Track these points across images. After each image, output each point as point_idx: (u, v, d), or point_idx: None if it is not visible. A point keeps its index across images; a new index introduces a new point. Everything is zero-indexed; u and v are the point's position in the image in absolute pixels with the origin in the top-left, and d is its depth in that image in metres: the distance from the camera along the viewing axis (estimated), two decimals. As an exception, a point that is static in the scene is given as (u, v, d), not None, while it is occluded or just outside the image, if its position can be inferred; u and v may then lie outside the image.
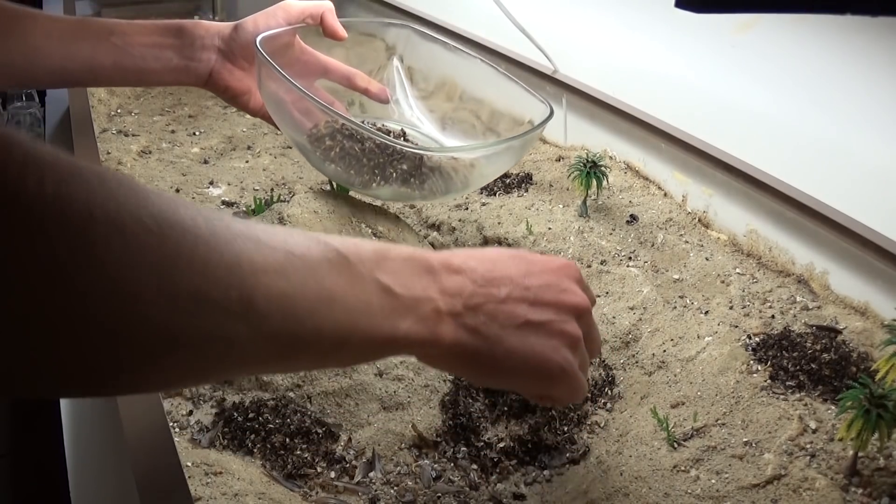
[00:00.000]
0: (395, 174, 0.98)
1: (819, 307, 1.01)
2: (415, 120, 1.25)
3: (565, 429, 0.91)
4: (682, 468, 0.82)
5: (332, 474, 0.84)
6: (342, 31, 1.11)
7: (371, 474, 0.84)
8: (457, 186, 1.03)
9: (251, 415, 0.87)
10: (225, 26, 1.06)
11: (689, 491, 0.79)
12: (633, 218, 1.22)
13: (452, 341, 0.54)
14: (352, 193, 1.09)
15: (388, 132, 1.09)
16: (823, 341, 0.94)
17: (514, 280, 0.57)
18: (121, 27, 0.99)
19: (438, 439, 0.90)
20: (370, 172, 0.98)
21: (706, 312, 1.02)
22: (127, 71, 1.00)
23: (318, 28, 1.10)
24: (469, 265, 0.56)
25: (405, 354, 0.56)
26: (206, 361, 0.41)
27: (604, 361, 1.00)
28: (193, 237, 0.38)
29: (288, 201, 1.03)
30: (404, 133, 1.14)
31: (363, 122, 1.02)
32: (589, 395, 0.95)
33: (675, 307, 1.04)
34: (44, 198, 0.33)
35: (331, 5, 1.10)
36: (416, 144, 1.14)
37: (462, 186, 1.04)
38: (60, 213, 0.33)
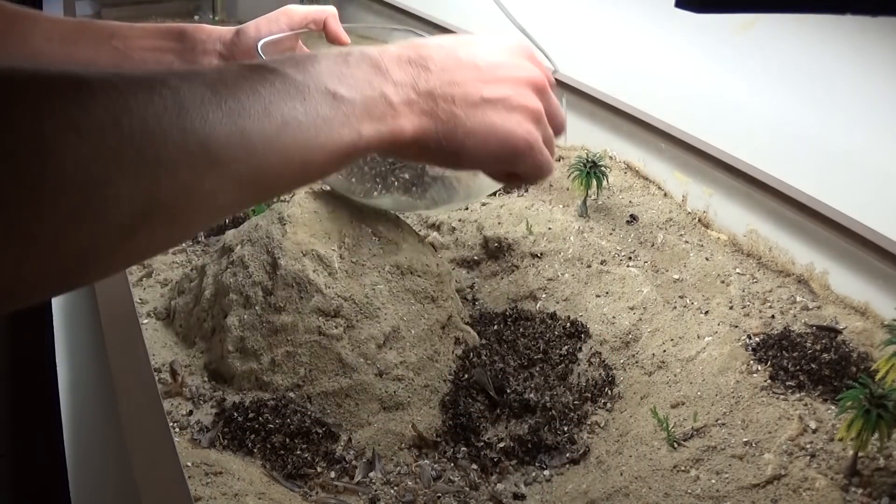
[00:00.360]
0: (396, 183, 0.98)
1: (819, 307, 1.01)
2: None
3: (565, 429, 0.91)
4: (682, 468, 0.82)
5: (332, 474, 0.84)
6: (345, 37, 1.10)
7: (371, 474, 0.84)
8: (459, 196, 1.02)
9: (251, 415, 0.87)
10: (227, 31, 1.06)
11: (689, 491, 0.79)
12: (633, 218, 1.22)
13: (413, 131, 0.53)
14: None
15: None
16: (823, 341, 0.94)
17: (464, 62, 0.57)
18: (122, 30, 0.99)
19: (438, 439, 0.90)
20: (371, 181, 0.98)
21: (706, 312, 1.02)
22: None
23: (320, 33, 1.10)
24: (417, 53, 0.55)
25: (370, 155, 0.55)
26: (181, 219, 0.41)
27: (604, 361, 1.00)
28: (143, 112, 0.38)
29: (288, 201, 1.03)
30: None
31: None
32: (589, 395, 0.95)
33: (675, 307, 1.04)
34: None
35: (334, 11, 1.09)
36: None
37: (464, 196, 1.04)
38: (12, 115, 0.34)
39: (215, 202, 0.42)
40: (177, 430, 0.87)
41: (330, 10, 1.09)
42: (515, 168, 0.60)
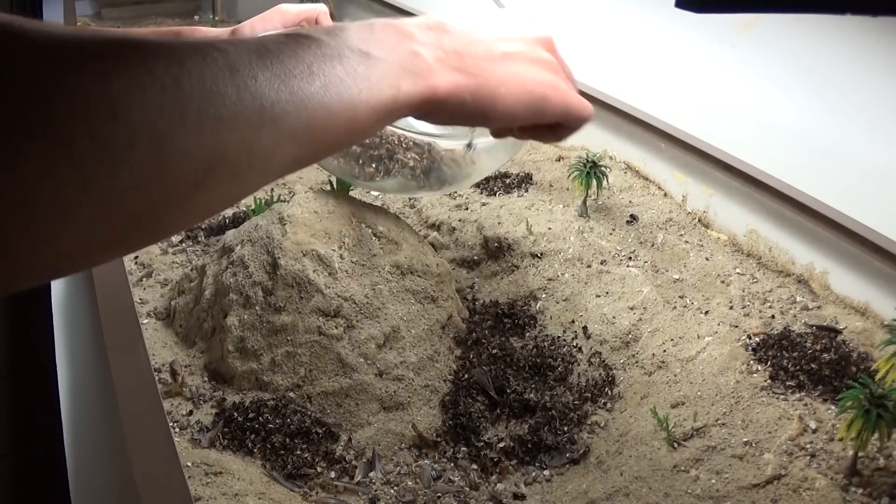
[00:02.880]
0: (398, 166, 0.99)
1: (819, 307, 1.01)
2: (410, 119, 1.25)
3: (565, 429, 0.91)
4: (682, 468, 0.82)
5: (332, 474, 0.84)
6: None
7: (371, 474, 0.84)
8: (458, 178, 1.04)
9: (251, 415, 0.87)
10: (222, 31, 1.07)
11: (689, 491, 0.79)
12: (633, 218, 1.22)
13: (448, 87, 0.55)
14: (353, 193, 1.10)
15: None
16: (823, 341, 0.94)
17: (479, 24, 0.61)
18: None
19: (438, 439, 0.90)
20: (374, 164, 0.99)
21: (706, 312, 1.02)
22: None
23: None
24: (434, 21, 0.59)
25: (407, 114, 0.57)
26: (242, 175, 0.44)
27: (604, 361, 1.00)
28: (199, 72, 0.40)
29: (288, 201, 1.03)
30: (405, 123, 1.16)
31: None
32: (589, 395, 0.95)
33: (675, 307, 1.04)
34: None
35: (325, 8, 1.11)
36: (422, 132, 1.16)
37: (465, 176, 1.06)
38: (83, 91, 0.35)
39: (273, 158, 0.45)
40: (177, 430, 0.87)
41: (321, 8, 1.12)
42: (548, 115, 0.62)
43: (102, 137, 0.36)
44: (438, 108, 0.56)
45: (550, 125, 0.63)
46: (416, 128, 1.24)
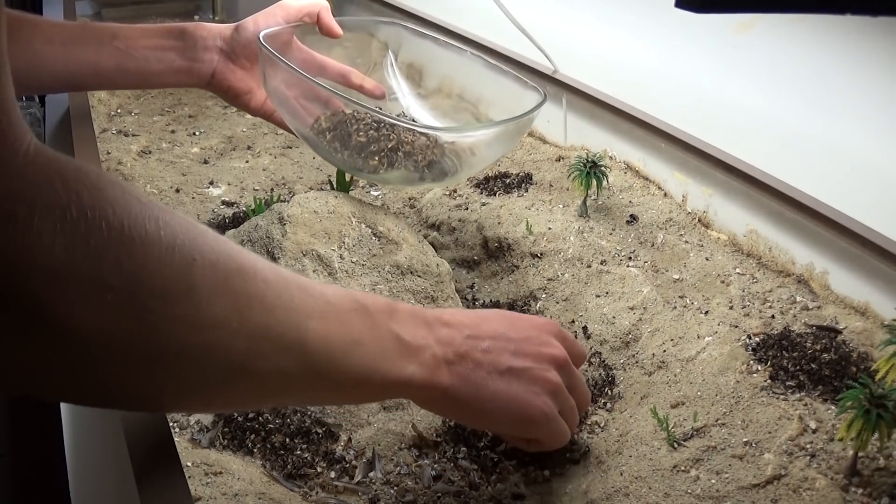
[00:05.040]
0: (402, 158, 0.99)
1: (819, 307, 1.01)
2: (411, 114, 1.26)
3: (565, 429, 0.91)
4: (682, 468, 0.82)
5: (332, 474, 0.84)
6: (338, 29, 1.13)
7: (371, 474, 0.84)
8: (458, 169, 1.06)
9: (251, 415, 0.87)
10: (226, 27, 1.08)
11: (689, 491, 0.79)
12: (633, 218, 1.22)
13: (447, 387, 0.61)
14: (352, 193, 1.10)
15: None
16: (823, 341, 0.94)
17: (498, 333, 0.65)
18: (123, 31, 1.00)
19: (438, 439, 0.90)
20: (377, 157, 1.00)
21: (706, 312, 1.02)
22: (130, 73, 1.01)
23: (314, 26, 1.12)
24: (457, 319, 0.64)
25: (407, 397, 0.65)
26: (263, 389, 0.49)
27: (604, 361, 1.00)
28: (263, 280, 0.45)
29: (288, 201, 1.03)
30: (405, 116, 1.18)
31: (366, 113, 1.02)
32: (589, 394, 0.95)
33: (675, 307, 1.04)
34: (155, 237, 0.40)
35: (326, 4, 1.11)
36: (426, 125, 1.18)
37: (466, 168, 1.08)
38: (168, 253, 0.40)
39: (290, 386, 0.51)
40: (177, 430, 0.87)
41: (322, 3, 1.12)
42: (532, 434, 0.68)
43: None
44: (432, 400, 0.63)
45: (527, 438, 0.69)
46: (420, 121, 1.25)
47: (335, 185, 1.11)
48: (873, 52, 0.97)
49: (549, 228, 1.18)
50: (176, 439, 0.82)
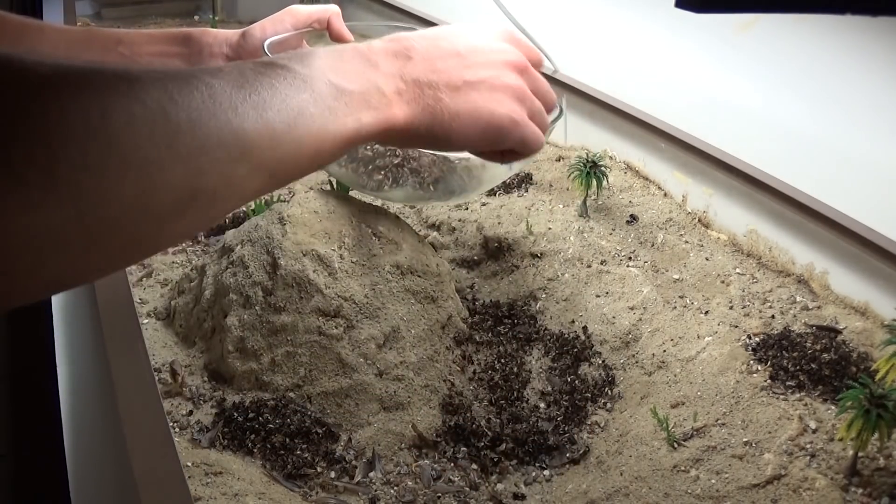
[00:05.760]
0: (407, 174, 0.98)
1: (819, 307, 1.01)
2: None
3: (565, 429, 0.91)
4: (682, 468, 0.82)
5: (332, 474, 0.84)
6: (349, 35, 1.11)
7: (371, 474, 0.84)
8: (469, 187, 1.03)
9: (251, 415, 0.87)
10: (232, 33, 1.07)
11: (689, 491, 0.79)
12: (633, 218, 1.22)
13: (405, 118, 0.58)
14: (353, 193, 1.10)
15: None
16: (823, 341, 0.94)
17: (445, 50, 0.61)
18: (128, 37, 1.00)
19: (438, 439, 0.90)
20: (382, 174, 0.98)
21: (706, 312, 1.02)
22: None
23: (324, 32, 1.11)
24: (401, 45, 0.60)
25: (368, 143, 0.61)
26: (218, 203, 0.46)
27: (604, 361, 1.00)
28: (186, 103, 0.43)
29: (288, 201, 1.03)
30: None
31: None
32: (589, 394, 0.96)
33: (675, 307, 1.04)
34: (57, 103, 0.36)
35: (337, 9, 1.10)
36: None
37: (476, 185, 1.05)
38: (75, 121, 0.37)
39: (247, 188, 0.47)
40: (177, 430, 0.87)
41: (333, 9, 1.11)
42: (504, 145, 0.64)
43: (97, 168, 0.38)
44: (396, 138, 0.59)
45: (501, 150, 0.65)
46: None
47: (335, 186, 1.11)
48: (873, 53, 0.97)
49: (549, 228, 1.18)
50: (176, 439, 0.82)
